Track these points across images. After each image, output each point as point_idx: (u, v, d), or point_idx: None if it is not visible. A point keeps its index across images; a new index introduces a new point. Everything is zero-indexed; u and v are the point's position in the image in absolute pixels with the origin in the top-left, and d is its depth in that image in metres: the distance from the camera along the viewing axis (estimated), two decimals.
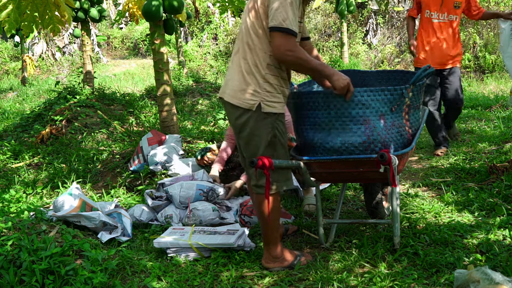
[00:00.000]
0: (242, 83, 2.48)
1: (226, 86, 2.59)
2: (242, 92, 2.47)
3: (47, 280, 2.32)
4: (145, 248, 3.03)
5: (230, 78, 2.57)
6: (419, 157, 4.97)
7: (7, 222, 2.72)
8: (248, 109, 2.47)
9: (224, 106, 2.66)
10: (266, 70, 2.47)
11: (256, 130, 2.48)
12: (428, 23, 4.76)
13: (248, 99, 2.46)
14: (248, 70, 2.47)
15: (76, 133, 5.76)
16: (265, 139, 2.49)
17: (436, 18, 4.72)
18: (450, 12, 4.69)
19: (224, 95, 2.57)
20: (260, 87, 2.46)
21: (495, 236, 2.80)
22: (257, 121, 2.47)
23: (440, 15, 4.70)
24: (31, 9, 3.69)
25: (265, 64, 2.46)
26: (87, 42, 7.73)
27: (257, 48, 2.46)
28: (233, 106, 2.51)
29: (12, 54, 17.43)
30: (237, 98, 2.49)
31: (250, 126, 2.48)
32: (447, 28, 4.72)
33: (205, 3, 16.65)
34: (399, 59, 14.35)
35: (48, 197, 4.08)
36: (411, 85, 2.63)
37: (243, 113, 2.49)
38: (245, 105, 2.46)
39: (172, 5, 4.65)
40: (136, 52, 19.07)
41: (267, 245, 2.65)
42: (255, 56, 2.47)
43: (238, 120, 2.51)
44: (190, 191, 3.47)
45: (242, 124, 2.51)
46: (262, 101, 2.46)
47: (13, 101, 11.21)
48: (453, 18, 4.72)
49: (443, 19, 4.71)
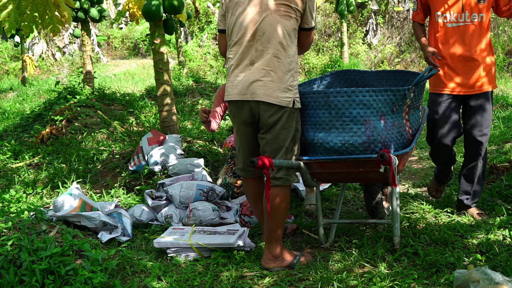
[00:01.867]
0: (279, 82, 2.60)
1: (255, 87, 2.62)
2: (279, 91, 2.60)
3: (47, 280, 2.32)
4: (145, 248, 3.03)
5: (260, 77, 2.61)
6: (419, 157, 4.97)
7: (7, 222, 2.71)
8: (286, 106, 2.60)
9: (238, 108, 2.67)
10: (295, 67, 2.67)
11: (286, 124, 2.62)
12: (441, 29, 3.21)
13: (286, 97, 2.61)
14: (284, 69, 2.62)
15: (76, 133, 5.75)
16: (292, 132, 2.64)
17: (453, 21, 3.16)
18: (473, 10, 3.13)
19: (256, 96, 2.61)
20: (292, 85, 2.64)
21: (495, 236, 2.80)
22: (289, 116, 2.63)
23: (459, 16, 3.15)
24: (31, 9, 3.69)
25: (294, 63, 2.67)
26: (87, 42, 7.73)
27: (289, 48, 2.63)
28: (269, 105, 2.61)
29: (12, 54, 17.42)
30: (274, 96, 2.60)
31: (282, 122, 2.62)
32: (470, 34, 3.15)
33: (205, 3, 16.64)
34: (399, 59, 14.35)
35: (48, 197, 4.08)
36: (413, 86, 2.63)
37: (278, 110, 2.61)
38: (284, 103, 2.60)
39: (172, 5, 4.65)
40: (136, 52, 19.07)
41: (269, 243, 2.65)
42: (288, 56, 2.63)
43: (273, 117, 2.61)
44: (190, 191, 3.47)
45: (276, 121, 2.62)
46: (295, 98, 2.64)
47: (13, 101, 11.20)
48: (476, 18, 3.14)
49: (463, 21, 3.15)
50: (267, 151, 2.65)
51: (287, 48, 2.62)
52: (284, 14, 2.60)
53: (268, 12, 2.58)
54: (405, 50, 14.36)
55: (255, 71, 2.62)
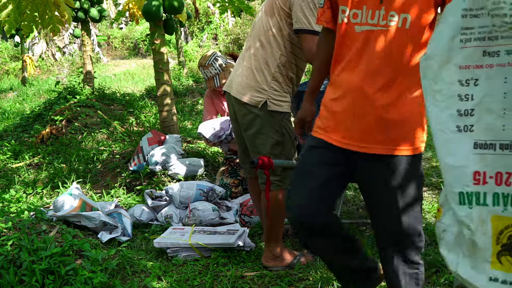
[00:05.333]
0: (251, 80, 2.50)
1: (232, 81, 2.59)
2: (250, 89, 2.49)
3: (47, 280, 2.32)
4: (145, 248, 3.03)
5: (238, 73, 2.58)
6: None
7: (7, 222, 2.71)
8: (255, 105, 2.48)
9: (228, 100, 2.66)
10: (276, 69, 2.49)
11: (263, 128, 2.49)
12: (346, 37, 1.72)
13: (255, 96, 2.48)
14: (258, 67, 2.49)
15: (76, 133, 5.75)
16: (273, 137, 2.50)
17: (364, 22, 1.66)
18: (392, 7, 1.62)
19: (231, 90, 2.58)
20: (268, 85, 2.48)
21: None
22: (265, 121, 2.48)
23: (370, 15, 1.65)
24: (31, 9, 3.69)
25: (276, 63, 2.48)
26: (87, 42, 7.73)
27: (271, 47, 2.48)
28: (240, 102, 2.53)
29: (12, 54, 17.42)
30: (243, 94, 2.50)
31: (257, 124, 2.50)
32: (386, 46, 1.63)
33: (205, 3, 16.65)
34: None
35: (48, 197, 4.08)
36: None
37: (250, 112, 2.50)
38: (251, 101, 2.48)
39: (172, 5, 4.65)
40: (136, 52, 19.06)
41: (269, 242, 2.65)
42: (266, 54, 2.49)
43: (245, 117, 2.52)
44: (190, 191, 3.47)
45: (250, 121, 2.52)
46: (269, 99, 2.48)
47: (13, 101, 11.20)
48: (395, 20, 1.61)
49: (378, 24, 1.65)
50: (251, 155, 2.60)
51: (266, 46, 2.49)
52: (269, 10, 2.52)
53: (263, 10, 2.58)
54: None
55: (239, 65, 2.62)
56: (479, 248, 1.25)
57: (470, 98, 1.24)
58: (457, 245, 1.30)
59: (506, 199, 1.21)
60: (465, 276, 1.28)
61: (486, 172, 1.23)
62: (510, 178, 1.21)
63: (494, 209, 1.23)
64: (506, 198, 1.21)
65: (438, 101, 1.28)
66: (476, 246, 1.26)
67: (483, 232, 1.24)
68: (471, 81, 1.24)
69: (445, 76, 1.27)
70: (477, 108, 1.23)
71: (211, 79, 3.79)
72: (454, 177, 1.27)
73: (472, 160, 1.24)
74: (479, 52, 1.22)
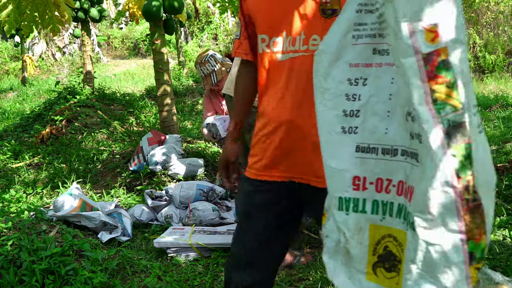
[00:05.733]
0: None
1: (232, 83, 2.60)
2: None
3: (47, 280, 2.32)
4: (145, 248, 3.03)
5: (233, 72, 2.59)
6: None
7: (7, 222, 2.72)
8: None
9: (228, 102, 2.67)
10: None
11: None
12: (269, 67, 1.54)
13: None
14: None
15: (76, 133, 5.75)
16: None
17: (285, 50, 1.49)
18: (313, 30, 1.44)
19: (231, 92, 2.58)
20: None
21: (495, 236, 2.80)
22: None
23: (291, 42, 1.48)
24: (31, 9, 3.69)
25: None
26: (87, 42, 7.73)
27: None
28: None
29: (12, 54, 17.42)
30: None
31: None
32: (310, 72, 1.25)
33: (205, 3, 16.65)
34: None
35: (48, 197, 4.08)
36: None
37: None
38: None
39: (172, 5, 4.65)
40: (136, 52, 19.06)
41: None
42: None
43: None
44: (190, 191, 3.47)
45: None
46: None
47: (13, 101, 11.20)
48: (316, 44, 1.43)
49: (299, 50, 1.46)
50: None
51: None
52: None
53: None
54: None
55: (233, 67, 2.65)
56: (354, 257, 1.18)
57: (357, 98, 1.15)
58: (337, 252, 1.22)
59: (385, 208, 1.13)
60: (340, 286, 1.21)
61: (366, 178, 1.14)
62: (390, 185, 1.12)
63: (372, 217, 1.15)
64: (385, 207, 1.13)
65: (326, 100, 1.18)
66: (350, 255, 1.18)
67: (359, 241, 1.17)
68: (360, 80, 1.14)
69: (335, 73, 1.16)
70: (362, 109, 1.14)
71: (208, 77, 3.77)
72: (335, 181, 1.18)
73: (354, 164, 1.15)
74: (370, 50, 1.13)
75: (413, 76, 1.00)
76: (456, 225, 1.00)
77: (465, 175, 0.99)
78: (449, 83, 0.99)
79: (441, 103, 0.99)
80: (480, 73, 12.36)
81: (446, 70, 0.99)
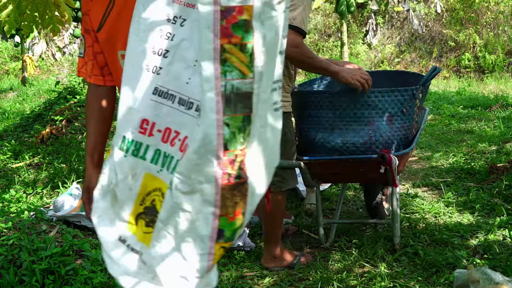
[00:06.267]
0: None
1: None
2: None
3: (47, 280, 2.32)
4: None
5: None
6: (419, 157, 4.97)
7: (7, 222, 2.72)
8: None
9: None
10: None
11: None
12: None
13: None
14: None
15: (76, 133, 5.75)
16: None
17: None
18: None
19: None
20: None
21: (495, 236, 2.80)
22: None
23: None
24: (31, 9, 3.69)
25: None
26: None
27: None
28: None
29: (12, 54, 17.42)
30: None
31: None
32: None
33: None
34: (399, 59, 14.35)
35: (48, 197, 4.08)
36: (421, 86, 2.63)
37: None
38: None
39: None
40: None
41: (268, 244, 2.65)
42: None
43: None
44: None
45: None
46: None
47: (13, 101, 11.19)
48: None
49: None
50: None
51: None
52: None
53: None
54: (405, 50, 14.37)
55: None
56: (119, 202, 1.11)
57: (170, 38, 1.04)
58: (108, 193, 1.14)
59: (166, 160, 1.05)
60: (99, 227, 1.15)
61: (155, 124, 1.06)
62: (176, 139, 1.04)
63: (150, 166, 1.07)
64: (166, 159, 1.05)
65: (140, 30, 1.07)
66: (116, 199, 1.11)
67: (130, 187, 1.09)
68: (178, 19, 1.03)
69: (156, 5, 1.05)
70: (172, 51, 1.04)
71: None
72: (125, 118, 1.09)
73: (147, 106, 1.06)
74: None
75: (205, 28, 0.90)
76: (212, 197, 0.94)
77: (234, 148, 0.93)
78: (244, 46, 0.90)
79: (230, 66, 0.91)
80: (480, 73, 12.37)
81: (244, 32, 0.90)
